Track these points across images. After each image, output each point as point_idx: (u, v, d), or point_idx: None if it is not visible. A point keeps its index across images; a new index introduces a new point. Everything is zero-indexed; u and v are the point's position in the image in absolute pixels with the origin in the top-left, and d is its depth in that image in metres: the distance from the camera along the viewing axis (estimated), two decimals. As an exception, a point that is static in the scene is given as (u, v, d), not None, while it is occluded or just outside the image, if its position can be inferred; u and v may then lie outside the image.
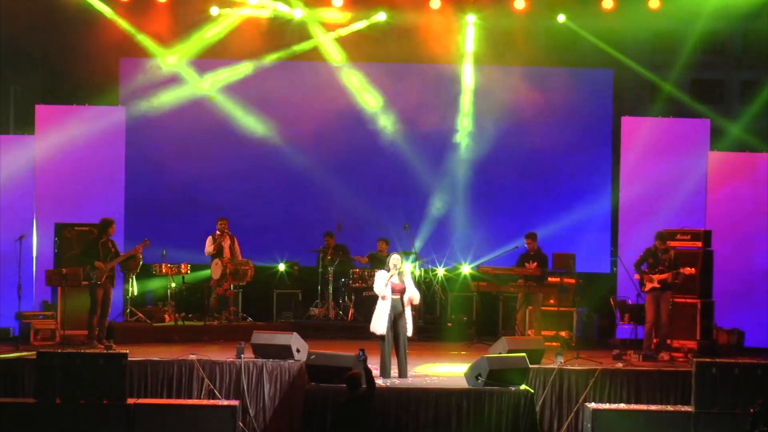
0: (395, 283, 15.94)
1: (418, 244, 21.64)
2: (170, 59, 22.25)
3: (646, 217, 20.66)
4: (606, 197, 22.73)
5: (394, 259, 16.03)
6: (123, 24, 21.67)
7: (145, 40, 21.88)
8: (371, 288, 20.74)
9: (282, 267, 22.23)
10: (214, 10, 22.06)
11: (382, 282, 15.97)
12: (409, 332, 16.02)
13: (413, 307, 16.47)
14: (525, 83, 22.77)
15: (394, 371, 15.93)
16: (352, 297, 21.41)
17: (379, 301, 16.03)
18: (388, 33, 22.56)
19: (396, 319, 15.91)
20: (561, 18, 22.23)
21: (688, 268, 17.97)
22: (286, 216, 22.73)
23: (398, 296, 15.93)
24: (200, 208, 22.22)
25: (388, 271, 15.97)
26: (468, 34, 22.61)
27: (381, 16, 22.33)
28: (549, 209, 22.62)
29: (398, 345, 15.93)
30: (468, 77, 22.91)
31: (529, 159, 22.93)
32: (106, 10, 21.53)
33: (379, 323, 15.90)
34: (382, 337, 15.89)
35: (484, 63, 22.79)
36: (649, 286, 17.90)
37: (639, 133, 21.40)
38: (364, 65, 22.84)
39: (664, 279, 17.81)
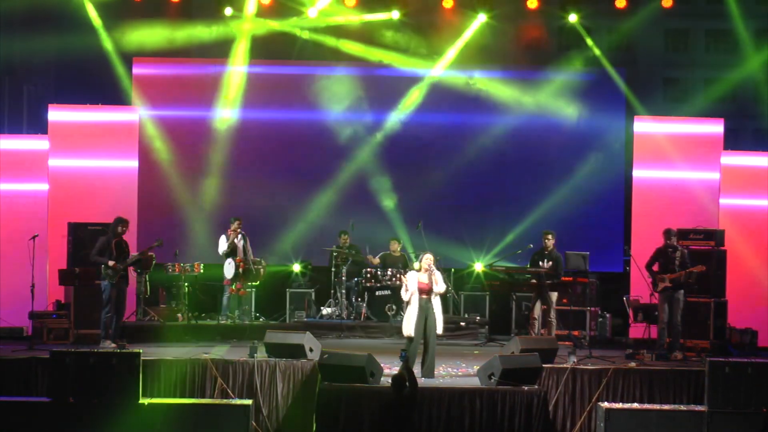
0: (423, 282, 15.87)
1: (430, 243, 21.59)
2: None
3: (660, 216, 20.63)
4: (619, 196, 22.70)
5: (427, 258, 15.93)
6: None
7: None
8: (384, 287, 20.85)
9: (297, 267, 22.31)
10: (227, 11, 22.12)
11: (404, 290, 15.92)
12: (439, 329, 15.88)
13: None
14: (536, 82, 22.78)
15: (417, 371, 15.89)
16: (365, 296, 21.41)
17: (408, 303, 15.98)
18: (401, 30, 22.59)
19: (426, 318, 15.82)
20: (573, 18, 22.24)
21: (699, 266, 17.96)
22: (298, 215, 22.74)
23: (426, 296, 15.87)
24: (213, 207, 22.27)
25: (419, 270, 15.90)
26: (479, 32, 22.61)
27: (395, 15, 22.34)
28: (561, 209, 22.59)
29: (426, 345, 15.85)
30: (478, 75, 22.92)
31: (541, 158, 22.92)
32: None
33: (408, 324, 15.82)
34: (409, 338, 15.81)
35: (495, 61, 22.77)
36: (661, 285, 17.87)
37: (652, 132, 21.39)
38: (381, 63, 22.92)
39: (675, 278, 17.78)
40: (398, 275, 20.69)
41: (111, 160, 21.00)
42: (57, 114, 20.92)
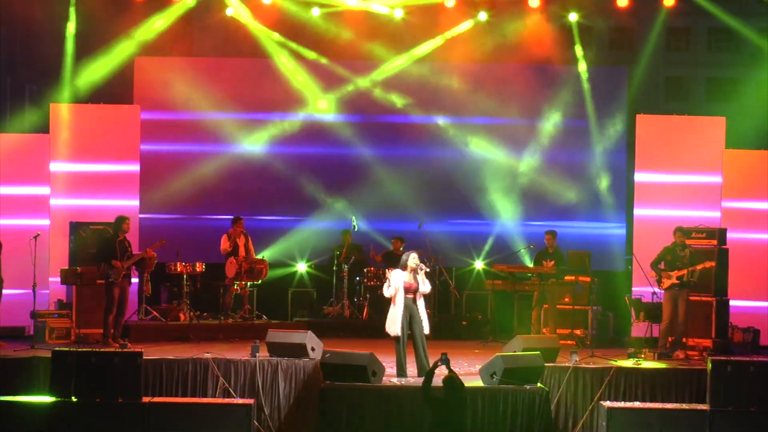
0: (408, 282, 15.82)
1: (432, 242, 21.58)
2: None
3: (661, 214, 20.62)
4: (621, 195, 22.69)
5: (412, 258, 15.89)
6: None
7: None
8: (386, 286, 20.82)
9: (302, 267, 22.38)
10: (229, 11, 22.16)
11: (387, 286, 15.90)
12: (426, 330, 15.88)
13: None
14: (538, 81, 22.79)
15: (411, 371, 15.88)
16: (367, 295, 21.40)
17: (393, 303, 15.95)
18: (404, 30, 22.61)
19: (411, 318, 15.81)
20: (573, 17, 22.27)
21: (708, 262, 17.96)
22: (299, 214, 22.75)
23: (412, 296, 15.83)
24: (215, 207, 22.30)
25: (404, 269, 15.87)
26: (482, 31, 22.63)
27: (398, 13, 22.33)
28: (563, 208, 22.59)
29: (416, 344, 15.80)
30: (482, 74, 22.93)
31: (544, 157, 22.91)
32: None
33: (393, 324, 15.80)
34: (396, 338, 15.80)
35: (497, 60, 22.77)
36: (667, 283, 17.84)
37: (654, 131, 21.37)
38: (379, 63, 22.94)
39: (682, 275, 17.76)
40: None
41: (113, 159, 20.98)
42: (59, 113, 20.90)
